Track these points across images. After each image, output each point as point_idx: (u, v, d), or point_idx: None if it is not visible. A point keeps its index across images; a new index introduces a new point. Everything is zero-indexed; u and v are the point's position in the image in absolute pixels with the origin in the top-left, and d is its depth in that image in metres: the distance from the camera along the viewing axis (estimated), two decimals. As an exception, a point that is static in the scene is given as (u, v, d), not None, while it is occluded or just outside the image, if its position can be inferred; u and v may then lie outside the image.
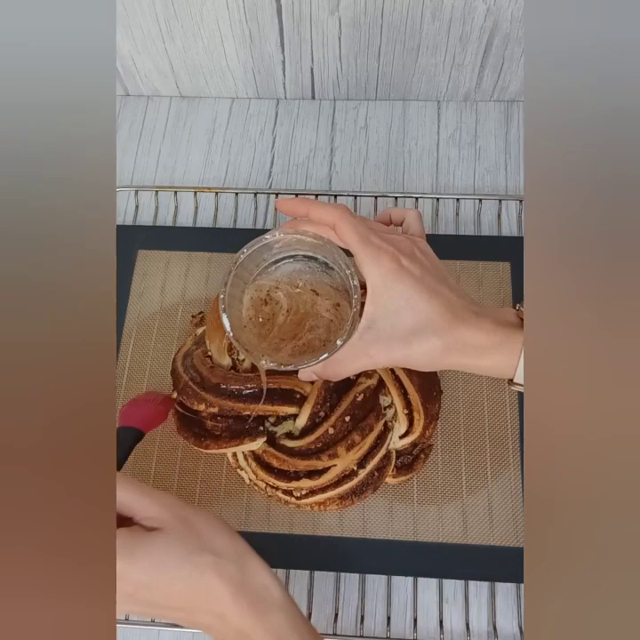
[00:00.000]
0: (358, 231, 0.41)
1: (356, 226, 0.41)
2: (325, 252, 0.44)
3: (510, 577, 0.52)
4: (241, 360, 0.54)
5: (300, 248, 0.45)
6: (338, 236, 0.42)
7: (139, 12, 0.64)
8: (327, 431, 0.50)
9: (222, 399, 0.51)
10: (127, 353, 0.61)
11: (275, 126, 0.74)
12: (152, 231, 0.67)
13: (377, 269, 0.41)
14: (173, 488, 0.56)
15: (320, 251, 0.44)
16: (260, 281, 0.45)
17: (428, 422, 0.53)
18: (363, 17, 0.63)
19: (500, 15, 0.62)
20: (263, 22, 0.64)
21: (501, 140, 0.72)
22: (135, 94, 0.76)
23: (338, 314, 0.44)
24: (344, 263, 0.42)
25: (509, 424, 0.56)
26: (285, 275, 0.45)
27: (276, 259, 0.45)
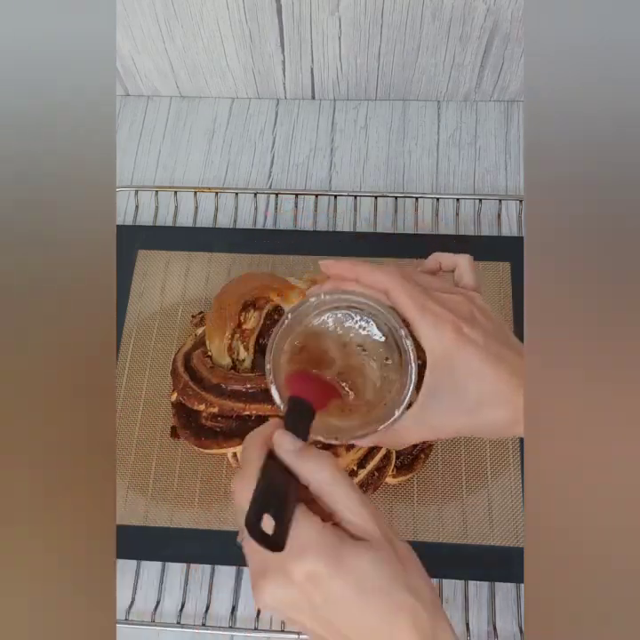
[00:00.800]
0: (413, 298, 0.38)
1: (410, 292, 0.39)
2: (374, 312, 0.40)
3: (510, 577, 0.52)
4: (241, 360, 0.54)
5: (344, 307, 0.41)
6: (391, 302, 0.39)
7: (139, 12, 0.64)
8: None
9: (222, 399, 0.51)
10: (127, 353, 0.61)
11: (275, 126, 0.74)
12: (152, 231, 0.67)
13: (437, 340, 0.38)
14: (173, 488, 0.56)
15: (367, 311, 0.41)
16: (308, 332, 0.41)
17: (428, 422, 0.53)
18: (363, 17, 0.63)
19: (500, 15, 0.62)
20: (263, 22, 0.64)
21: (501, 140, 0.72)
22: (135, 94, 0.76)
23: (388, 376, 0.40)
24: (397, 323, 0.39)
25: (509, 424, 0.56)
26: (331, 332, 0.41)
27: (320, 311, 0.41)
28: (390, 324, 0.40)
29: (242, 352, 0.54)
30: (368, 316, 0.41)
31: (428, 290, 0.40)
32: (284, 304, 0.56)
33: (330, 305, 0.41)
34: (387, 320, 0.40)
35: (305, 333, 0.41)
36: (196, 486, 0.56)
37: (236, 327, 0.54)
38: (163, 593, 0.55)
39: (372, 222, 0.67)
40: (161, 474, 0.56)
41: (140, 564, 0.56)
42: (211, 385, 0.52)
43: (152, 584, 0.55)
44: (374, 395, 0.40)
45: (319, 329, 0.41)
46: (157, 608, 0.54)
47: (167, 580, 0.55)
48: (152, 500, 0.56)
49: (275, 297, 0.56)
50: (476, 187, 0.70)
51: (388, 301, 0.40)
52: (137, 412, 0.59)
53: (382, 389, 0.40)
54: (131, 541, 0.54)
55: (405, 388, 0.39)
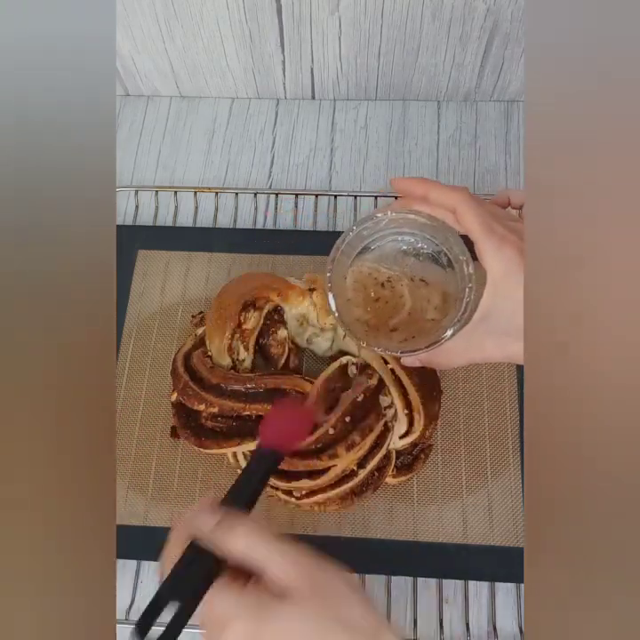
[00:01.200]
0: (481, 217, 0.38)
1: (478, 211, 0.39)
2: (439, 235, 0.41)
3: (510, 577, 0.52)
4: (241, 360, 0.54)
5: (410, 228, 0.42)
6: (458, 220, 0.39)
7: (139, 12, 0.64)
8: (327, 431, 0.49)
9: (222, 399, 0.51)
10: (127, 353, 0.61)
11: (275, 126, 0.74)
12: (152, 231, 0.67)
13: (499, 259, 0.38)
14: (173, 488, 0.56)
15: (433, 232, 0.41)
16: (365, 262, 0.42)
17: (428, 422, 0.53)
18: (363, 17, 0.63)
19: (500, 15, 0.62)
20: (263, 22, 0.64)
21: (501, 140, 0.72)
22: (135, 94, 0.76)
23: (446, 301, 0.41)
24: (459, 249, 0.40)
25: (509, 424, 0.56)
26: (392, 256, 0.42)
27: (383, 234, 0.42)
28: (453, 248, 0.40)
29: (242, 352, 0.54)
30: (431, 239, 0.41)
31: (495, 214, 0.40)
32: (284, 304, 0.56)
33: (395, 225, 0.41)
34: (450, 244, 0.40)
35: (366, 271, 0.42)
36: (196, 486, 0.56)
37: (236, 327, 0.54)
38: (163, 593, 0.55)
39: (372, 222, 0.67)
40: (161, 474, 0.56)
41: (140, 564, 0.56)
42: (211, 385, 0.52)
43: (152, 584, 0.55)
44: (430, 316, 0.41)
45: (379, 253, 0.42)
46: (157, 608, 0.54)
47: (167, 580, 0.55)
48: (152, 499, 0.56)
49: (275, 297, 0.56)
50: (475, 187, 0.69)
51: (455, 222, 0.40)
52: (137, 411, 0.59)
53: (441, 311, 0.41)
54: (131, 541, 0.54)
55: (461, 310, 0.39)
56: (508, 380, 0.58)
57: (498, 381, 0.58)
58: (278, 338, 0.55)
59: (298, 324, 0.57)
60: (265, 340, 0.56)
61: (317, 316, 0.56)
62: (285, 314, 0.57)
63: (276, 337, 0.55)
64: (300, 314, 0.57)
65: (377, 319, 0.42)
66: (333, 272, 0.41)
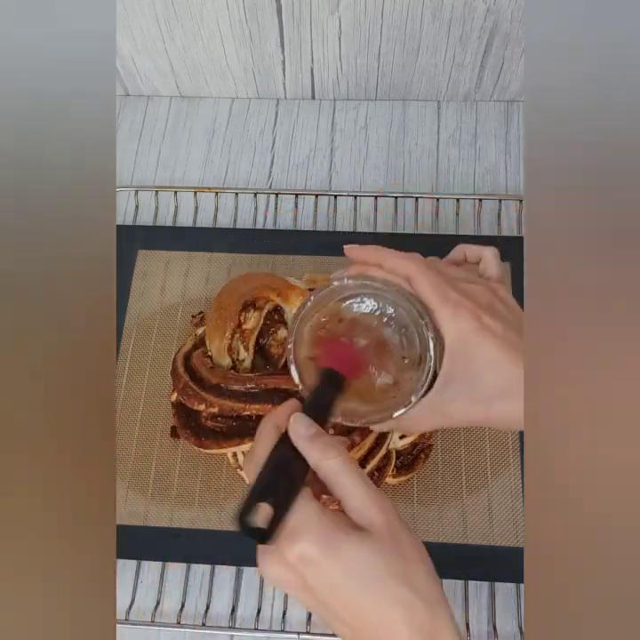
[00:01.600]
0: (435, 285, 0.39)
1: (432, 280, 0.39)
2: (396, 300, 0.41)
3: (510, 577, 0.52)
4: (241, 360, 0.54)
5: (369, 295, 0.42)
6: (413, 288, 0.40)
7: (139, 12, 0.64)
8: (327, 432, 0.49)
9: (222, 399, 0.51)
10: (127, 353, 0.61)
11: (275, 126, 0.74)
12: (152, 231, 0.67)
13: (456, 328, 0.38)
14: (173, 488, 0.56)
15: (393, 297, 0.41)
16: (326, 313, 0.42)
17: (428, 422, 0.53)
18: (363, 17, 0.63)
19: (500, 15, 0.62)
20: (263, 22, 0.64)
21: (501, 140, 0.72)
22: (135, 94, 0.76)
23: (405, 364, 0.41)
24: (418, 313, 0.40)
25: (509, 424, 0.56)
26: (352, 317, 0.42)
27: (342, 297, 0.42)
28: (411, 312, 0.40)
29: (242, 352, 0.54)
30: (390, 305, 0.41)
31: (450, 279, 0.40)
32: (284, 304, 0.56)
33: (353, 291, 0.41)
34: (408, 308, 0.40)
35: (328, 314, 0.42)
36: (196, 486, 0.56)
37: (236, 327, 0.54)
38: (163, 593, 0.55)
39: (371, 222, 0.67)
40: (161, 474, 0.56)
41: (140, 564, 0.56)
42: (211, 385, 0.52)
43: (152, 584, 0.55)
44: (392, 380, 0.41)
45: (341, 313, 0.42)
46: (157, 608, 0.54)
47: (167, 580, 0.55)
48: (152, 499, 0.56)
49: (275, 297, 0.56)
50: (475, 187, 0.70)
51: (410, 288, 0.40)
52: (137, 411, 0.59)
53: (400, 376, 0.41)
54: (131, 541, 0.54)
55: (423, 376, 0.39)
56: (508, 379, 0.58)
57: (498, 381, 0.58)
58: (278, 338, 0.55)
59: (298, 324, 0.57)
60: (265, 340, 0.56)
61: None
62: (285, 314, 0.57)
63: (276, 337, 0.55)
64: (300, 314, 0.57)
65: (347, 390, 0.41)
66: (295, 343, 0.41)
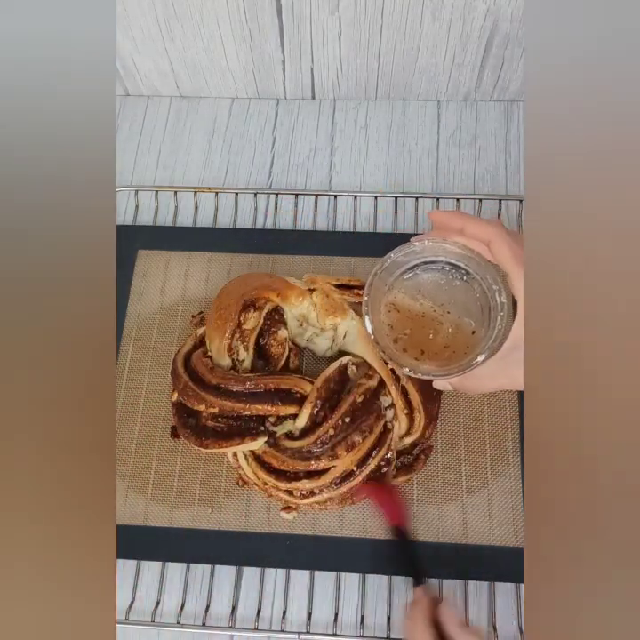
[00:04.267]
0: (514, 250, 0.40)
1: (511, 245, 0.40)
2: (473, 265, 0.43)
3: (510, 577, 0.52)
4: (241, 360, 0.54)
5: (446, 256, 0.44)
6: (492, 252, 0.41)
7: (139, 12, 0.64)
8: (327, 432, 0.50)
9: (222, 399, 0.51)
10: (127, 353, 0.61)
11: (275, 126, 0.74)
12: (152, 231, 0.67)
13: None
14: (173, 488, 0.56)
15: (468, 262, 0.43)
16: (401, 288, 0.45)
17: (428, 422, 0.53)
18: (363, 17, 0.63)
19: (500, 15, 0.62)
20: (263, 22, 0.64)
21: (501, 140, 0.72)
22: (135, 94, 0.76)
23: (477, 330, 0.44)
24: (492, 278, 0.42)
25: (509, 424, 0.56)
26: (427, 286, 0.45)
27: (419, 262, 0.45)
28: (487, 278, 0.42)
29: (242, 352, 0.54)
30: (465, 269, 0.44)
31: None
32: (284, 304, 0.56)
33: (430, 254, 0.44)
34: (484, 273, 0.42)
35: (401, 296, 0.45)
36: (196, 486, 0.56)
37: (236, 327, 0.54)
38: (163, 593, 0.55)
39: (371, 222, 0.67)
40: (161, 474, 0.56)
41: (140, 564, 0.56)
42: (211, 385, 0.52)
43: (152, 584, 0.55)
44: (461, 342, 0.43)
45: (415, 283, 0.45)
46: (157, 608, 0.54)
47: (167, 580, 0.55)
48: (152, 499, 0.56)
49: (274, 297, 0.56)
50: (476, 187, 0.69)
51: (488, 254, 0.42)
52: (137, 412, 0.59)
53: (469, 339, 0.43)
54: (131, 541, 0.54)
55: (491, 339, 0.41)
56: (508, 379, 0.58)
57: (498, 381, 0.58)
58: (278, 338, 0.55)
59: (298, 325, 0.57)
60: (265, 340, 0.56)
61: (317, 316, 0.56)
62: (285, 314, 0.57)
63: (277, 337, 0.55)
64: (299, 314, 0.57)
65: (410, 345, 0.45)
66: (370, 296, 0.44)
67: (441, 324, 0.44)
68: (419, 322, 0.45)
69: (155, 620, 0.53)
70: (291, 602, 0.54)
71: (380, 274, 0.44)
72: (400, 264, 0.45)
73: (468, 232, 0.42)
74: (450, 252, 0.43)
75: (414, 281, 0.45)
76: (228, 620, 0.54)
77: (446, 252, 0.44)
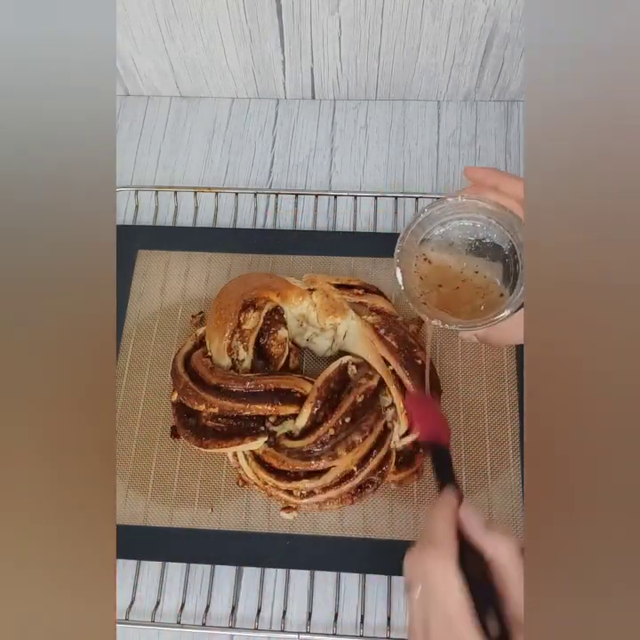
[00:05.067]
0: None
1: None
2: (504, 222, 0.44)
3: (510, 577, 0.52)
4: (240, 360, 0.54)
5: (478, 214, 0.45)
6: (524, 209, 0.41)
7: (139, 12, 0.64)
8: (327, 432, 0.50)
9: (222, 399, 0.51)
10: (127, 353, 0.61)
11: (275, 126, 0.74)
12: (152, 231, 0.67)
13: None
14: (173, 488, 0.56)
15: (500, 219, 0.44)
16: (434, 242, 0.46)
17: (428, 422, 0.53)
18: (363, 17, 0.63)
19: (500, 15, 0.62)
20: (263, 22, 0.64)
21: (501, 140, 0.72)
22: (135, 94, 0.76)
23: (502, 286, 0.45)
24: (522, 235, 0.42)
25: (509, 424, 0.56)
26: (458, 239, 0.46)
27: (452, 218, 0.46)
28: (517, 235, 0.43)
29: (241, 352, 0.54)
30: (497, 226, 0.45)
31: None
32: (284, 304, 0.56)
33: (464, 210, 0.45)
34: (515, 231, 0.43)
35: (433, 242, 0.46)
36: (196, 486, 0.56)
37: (236, 327, 0.54)
38: (163, 593, 0.55)
39: (371, 222, 0.67)
40: (161, 474, 0.56)
41: (140, 564, 0.56)
42: (211, 385, 0.52)
43: (152, 584, 0.55)
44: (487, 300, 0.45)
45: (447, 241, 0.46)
46: (157, 608, 0.54)
47: (167, 580, 0.55)
48: (152, 499, 0.56)
49: (274, 297, 0.56)
50: (476, 187, 0.69)
51: (522, 212, 0.42)
52: (137, 412, 0.59)
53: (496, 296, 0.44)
54: (131, 541, 0.54)
55: (518, 294, 0.42)
56: (507, 379, 0.58)
57: (498, 381, 0.58)
58: (278, 338, 0.55)
59: (298, 324, 0.57)
60: (265, 340, 0.56)
61: (317, 316, 0.56)
62: (285, 314, 0.57)
63: (277, 337, 0.55)
64: (299, 314, 0.57)
65: (439, 301, 0.46)
66: (402, 250, 0.45)
67: (470, 280, 0.45)
68: (448, 276, 0.46)
69: (155, 620, 0.53)
70: (291, 602, 0.54)
71: (414, 228, 0.45)
72: (433, 219, 0.45)
73: (502, 189, 0.43)
74: (482, 208, 0.44)
75: (446, 237, 0.46)
76: (228, 620, 0.54)
77: (479, 209, 0.44)
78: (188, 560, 0.55)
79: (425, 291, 0.46)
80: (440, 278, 0.46)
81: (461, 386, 0.58)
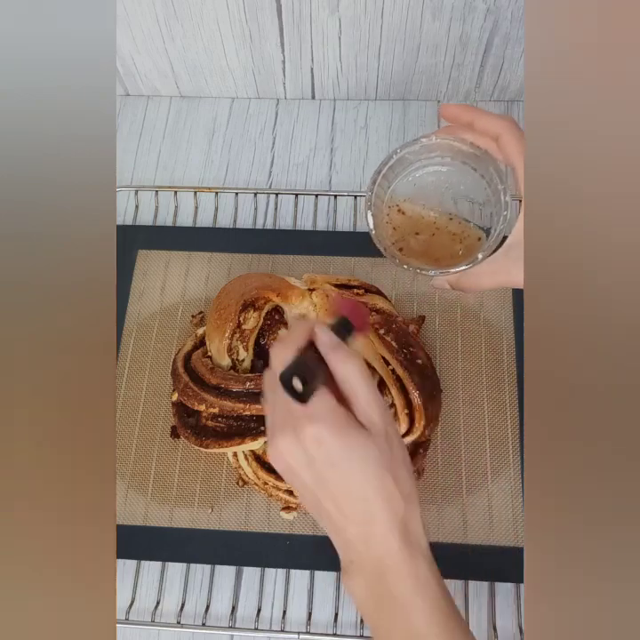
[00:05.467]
0: (522, 145, 0.40)
1: (521, 140, 0.40)
2: (480, 165, 0.43)
3: (510, 577, 0.52)
4: (240, 360, 0.54)
5: (453, 157, 0.44)
6: (500, 147, 0.41)
7: (139, 12, 0.64)
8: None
9: (222, 399, 0.51)
10: (127, 353, 0.61)
11: (275, 126, 0.74)
12: (152, 231, 0.67)
13: None
14: (173, 488, 0.56)
15: (475, 162, 0.43)
16: (406, 190, 0.45)
17: (428, 422, 0.53)
18: (363, 17, 0.63)
19: (500, 15, 0.62)
20: (263, 22, 0.64)
21: (501, 140, 0.72)
22: (135, 94, 0.76)
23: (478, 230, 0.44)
24: (498, 177, 0.42)
25: (509, 424, 0.56)
26: (431, 186, 0.45)
27: (425, 163, 0.44)
28: (493, 178, 0.42)
29: (241, 352, 0.54)
30: (472, 169, 0.44)
31: None
32: (284, 304, 0.56)
33: (438, 153, 0.44)
34: (490, 175, 0.42)
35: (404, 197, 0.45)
36: (196, 486, 0.56)
37: (236, 327, 0.54)
38: (163, 593, 0.55)
39: (372, 222, 0.67)
40: (161, 474, 0.56)
41: (140, 564, 0.56)
42: (211, 385, 0.52)
43: (152, 584, 0.55)
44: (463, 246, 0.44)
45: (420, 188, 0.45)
46: (157, 608, 0.54)
47: (167, 580, 0.55)
48: (152, 499, 0.56)
49: (274, 297, 0.56)
50: (475, 187, 0.69)
51: (497, 152, 0.42)
52: (137, 411, 0.59)
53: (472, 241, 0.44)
54: (131, 541, 0.54)
55: (493, 237, 0.41)
56: (507, 379, 0.58)
57: (498, 381, 0.58)
58: (278, 338, 0.55)
59: (298, 324, 0.57)
60: (265, 340, 0.56)
61: (317, 316, 0.56)
62: (285, 314, 0.57)
63: (277, 337, 0.55)
64: (299, 314, 0.57)
65: (418, 249, 0.45)
66: (374, 193, 0.43)
67: (445, 227, 0.44)
68: (421, 225, 0.45)
69: (155, 620, 0.53)
70: (291, 602, 0.54)
71: (386, 171, 0.43)
72: (406, 162, 0.44)
73: (477, 126, 0.42)
74: (457, 150, 0.43)
75: (419, 184, 0.45)
76: (227, 620, 0.54)
77: (454, 151, 0.43)
78: (187, 560, 0.55)
79: (399, 239, 0.44)
80: (415, 226, 0.44)
81: (461, 386, 0.58)
